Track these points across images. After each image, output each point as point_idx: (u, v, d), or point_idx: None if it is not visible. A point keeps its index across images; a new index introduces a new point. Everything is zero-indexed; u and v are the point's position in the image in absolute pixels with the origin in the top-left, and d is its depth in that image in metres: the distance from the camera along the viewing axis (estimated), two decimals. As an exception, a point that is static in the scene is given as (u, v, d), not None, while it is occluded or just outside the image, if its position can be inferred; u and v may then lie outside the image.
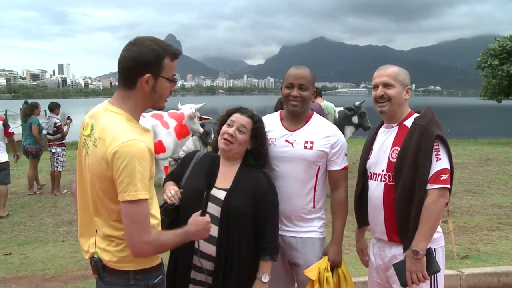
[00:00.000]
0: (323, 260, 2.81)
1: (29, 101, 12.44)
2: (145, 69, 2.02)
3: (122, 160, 1.90)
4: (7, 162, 7.95)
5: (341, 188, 2.94)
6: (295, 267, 2.93)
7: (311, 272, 2.75)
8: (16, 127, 12.85)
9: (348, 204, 2.96)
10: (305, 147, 2.84)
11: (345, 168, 2.93)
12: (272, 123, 2.99)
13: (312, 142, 2.84)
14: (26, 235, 6.81)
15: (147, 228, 1.97)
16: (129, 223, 1.95)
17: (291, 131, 2.91)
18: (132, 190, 1.90)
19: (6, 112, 18.25)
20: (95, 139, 2.02)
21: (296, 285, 3.10)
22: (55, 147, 9.68)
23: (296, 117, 2.92)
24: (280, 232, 2.89)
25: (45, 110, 11.45)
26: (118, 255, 2.04)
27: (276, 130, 2.95)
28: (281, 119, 2.99)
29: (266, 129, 2.96)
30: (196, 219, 2.20)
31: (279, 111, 3.06)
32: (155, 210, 2.17)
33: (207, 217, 2.22)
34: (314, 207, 2.91)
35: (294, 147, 2.86)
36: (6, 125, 8.02)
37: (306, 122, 2.93)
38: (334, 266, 2.84)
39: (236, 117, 2.74)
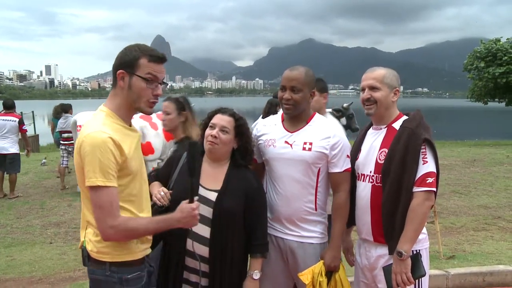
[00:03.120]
0: (318, 264, 2.79)
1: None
2: (121, 66, 2.18)
3: (86, 150, 2.04)
4: (16, 153, 9.39)
5: (342, 191, 2.85)
6: (295, 271, 2.88)
7: (304, 276, 2.75)
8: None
9: (348, 208, 2.88)
10: (304, 149, 2.80)
11: (347, 171, 2.84)
12: (274, 124, 2.98)
13: (311, 143, 2.80)
14: (13, 237, 6.74)
15: (112, 213, 2.06)
16: (94, 209, 2.08)
17: (291, 132, 2.88)
18: (92, 177, 2.02)
19: None
20: None
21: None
22: (72, 146, 9.89)
23: (295, 118, 2.89)
24: (281, 235, 2.89)
25: (32, 111, 11.62)
26: (97, 246, 2.16)
27: (277, 131, 2.92)
28: (282, 120, 2.96)
29: (267, 131, 2.96)
30: (181, 206, 2.26)
31: (281, 113, 3.01)
32: (137, 208, 2.23)
33: (192, 204, 2.26)
34: (315, 209, 2.87)
35: (293, 148, 2.83)
36: (21, 123, 9.46)
37: (307, 123, 2.89)
38: (331, 271, 2.81)
39: (217, 118, 2.74)
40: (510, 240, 6.27)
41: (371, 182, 2.76)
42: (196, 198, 2.32)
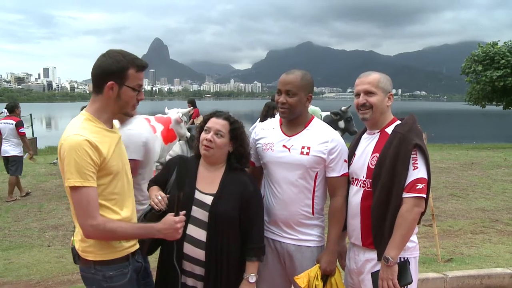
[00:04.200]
0: (314, 268, 2.79)
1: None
2: (108, 76, 2.24)
3: (64, 152, 2.14)
4: (17, 156, 9.51)
5: (339, 195, 2.85)
6: (292, 274, 2.88)
7: (300, 279, 2.75)
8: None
9: (345, 212, 2.86)
10: (302, 153, 2.80)
11: (344, 175, 2.85)
12: (272, 128, 2.98)
13: (309, 148, 2.80)
14: (11, 240, 6.72)
15: (92, 213, 2.15)
16: (75, 208, 2.19)
17: (289, 136, 2.88)
18: (70, 178, 2.12)
19: None
20: None
21: None
22: None
23: (293, 122, 2.89)
24: (278, 239, 2.90)
25: (30, 114, 11.60)
26: (82, 245, 2.29)
27: (275, 135, 2.92)
28: (280, 124, 2.96)
29: (265, 134, 2.97)
30: (166, 218, 2.34)
31: (280, 116, 3.00)
32: (119, 206, 2.32)
33: (176, 218, 2.33)
34: (313, 214, 2.87)
35: (291, 152, 2.82)
36: (18, 126, 9.48)
37: (305, 127, 2.89)
38: (327, 274, 2.81)
39: (212, 122, 2.74)
40: (508, 243, 6.29)
41: (362, 187, 2.75)
42: (182, 212, 2.38)
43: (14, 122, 9.51)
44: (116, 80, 2.24)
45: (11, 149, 9.49)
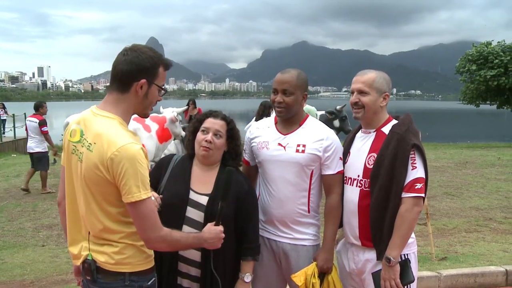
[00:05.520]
0: (311, 266, 2.79)
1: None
2: (141, 74, 2.10)
3: (123, 164, 1.97)
4: (41, 152, 10.11)
5: (334, 193, 2.85)
6: (288, 273, 2.88)
7: (297, 277, 2.75)
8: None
9: (341, 210, 2.87)
10: (297, 151, 2.80)
11: (340, 173, 2.84)
12: (267, 127, 2.98)
13: (304, 146, 2.80)
14: (4, 240, 6.70)
15: (158, 223, 2.07)
16: (139, 221, 2.04)
17: (284, 135, 2.88)
18: (136, 192, 1.99)
19: None
20: (89, 143, 2.05)
21: None
22: None
23: (288, 120, 2.89)
24: (274, 238, 2.89)
25: (24, 113, 11.83)
26: (116, 257, 2.10)
27: (270, 134, 2.92)
28: (275, 123, 2.96)
29: (260, 133, 2.97)
30: (209, 227, 2.34)
31: (275, 115, 3.00)
32: None
33: (220, 227, 2.34)
34: (308, 212, 2.87)
35: (286, 150, 2.83)
36: (41, 124, 10.04)
37: (300, 125, 2.89)
38: (324, 272, 2.81)
39: (210, 122, 2.72)
40: (501, 241, 6.33)
41: (359, 187, 2.75)
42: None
43: (38, 121, 10.05)
44: (147, 78, 2.11)
45: (36, 145, 10.11)
